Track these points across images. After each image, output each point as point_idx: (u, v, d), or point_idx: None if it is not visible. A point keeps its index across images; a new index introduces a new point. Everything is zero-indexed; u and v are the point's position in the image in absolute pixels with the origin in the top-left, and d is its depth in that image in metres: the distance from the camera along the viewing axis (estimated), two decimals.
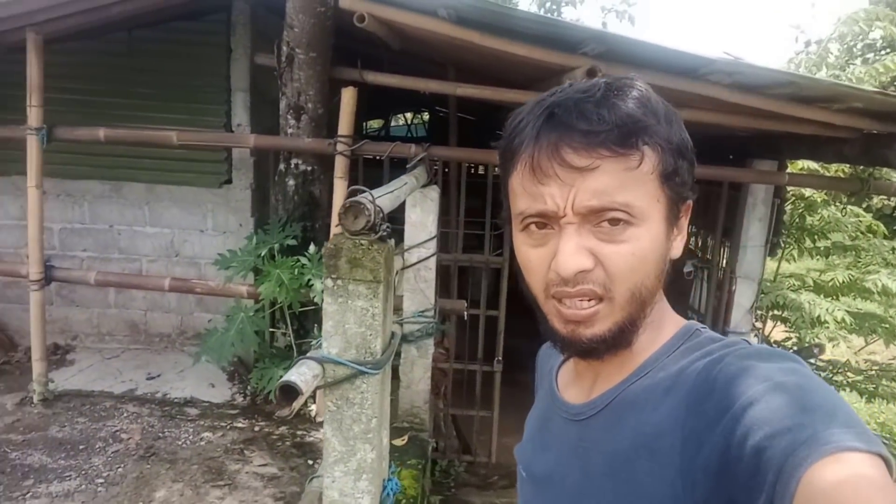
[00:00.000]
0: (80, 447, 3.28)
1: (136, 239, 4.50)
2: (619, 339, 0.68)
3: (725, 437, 0.56)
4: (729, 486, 0.55)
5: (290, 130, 3.68)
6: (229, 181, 4.40)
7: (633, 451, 0.66)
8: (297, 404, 1.61)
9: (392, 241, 1.84)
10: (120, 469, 3.11)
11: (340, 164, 3.49)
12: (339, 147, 3.48)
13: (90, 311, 4.61)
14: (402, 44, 3.93)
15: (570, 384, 0.81)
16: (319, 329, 3.38)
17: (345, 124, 3.47)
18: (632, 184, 0.64)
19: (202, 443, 3.40)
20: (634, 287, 0.66)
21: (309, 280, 3.35)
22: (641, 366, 0.70)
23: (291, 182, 3.75)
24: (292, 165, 3.74)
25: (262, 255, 3.51)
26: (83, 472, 3.06)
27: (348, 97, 3.46)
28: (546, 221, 0.66)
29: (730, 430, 0.56)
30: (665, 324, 0.73)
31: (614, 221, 0.64)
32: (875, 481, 0.47)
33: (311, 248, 3.50)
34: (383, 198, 1.95)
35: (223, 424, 3.61)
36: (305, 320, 3.68)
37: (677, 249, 0.70)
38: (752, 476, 0.53)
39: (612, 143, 0.62)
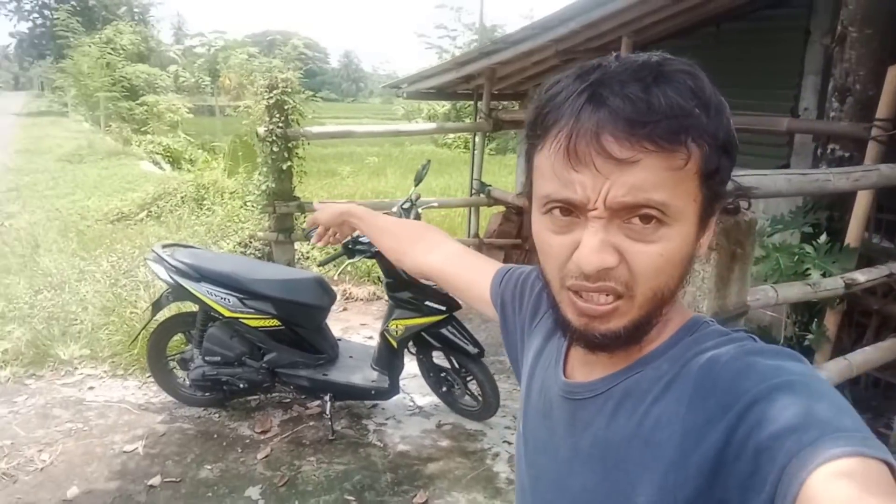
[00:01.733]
0: None
1: None
2: (633, 337, 0.65)
3: (726, 433, 0.54)
4: (722, 484, 0.54)
5: (832, 114, 3.51)
6: (787, 165, 4.42)
7: (627, 440, 0.64)
8: None
9: (748, 215, 1.91)
10: None
11: (871, 151, 3.17)
12: (874, 132, 3.16)
13: None
14: None
15: (574, 356, 0.77)
16: (819, 324, 3.30)
17: (884, 106, 3.12)
18: (672, 182, 0.58)
19: None
20: (658, 288, 0.62)
21: (807, 269, 3.25)
22: (645, 356, 0.67)
23: (823, 167, 3.58)
24: (828, 151, 3.57)
25: (769, 236, 3.56)
26: None
27: (893, 76, 3.08)
28: (572, 209, 0.60)
29: (731, 427, 0.54)
30: (672, 317, 0.68)
31: (646, 219, 0.59)
32: (880, 487, 0.45)
33: (823, 237, 3.34)
34: (756, 177, 2.00)
35: None
36: (804, 312, 3.54)
37: (704, 248, 0.65)
38: (751, 475, 0.51)
39: (658, 136, 0.56)
